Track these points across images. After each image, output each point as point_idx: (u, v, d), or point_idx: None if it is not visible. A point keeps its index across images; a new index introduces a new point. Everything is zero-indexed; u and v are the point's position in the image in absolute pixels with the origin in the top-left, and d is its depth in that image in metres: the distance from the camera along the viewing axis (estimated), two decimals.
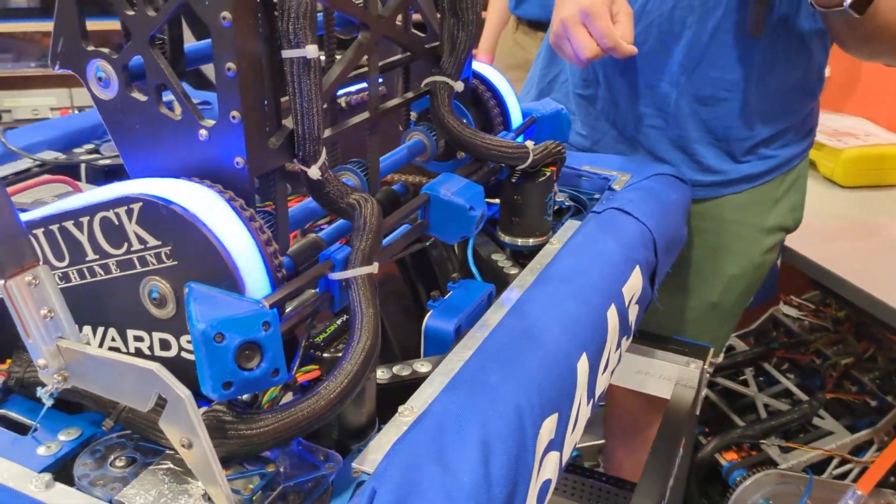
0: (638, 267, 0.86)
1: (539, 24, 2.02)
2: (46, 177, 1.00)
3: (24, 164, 1.10)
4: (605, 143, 1.24)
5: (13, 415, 0.61)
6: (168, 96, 0.59)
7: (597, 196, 1.02)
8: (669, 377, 1.05)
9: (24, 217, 0.60)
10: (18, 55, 2.94)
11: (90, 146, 1.16)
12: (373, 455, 0.55)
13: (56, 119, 1.24)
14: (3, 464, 0.55)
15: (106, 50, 0.59)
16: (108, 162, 1.10)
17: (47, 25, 0.60)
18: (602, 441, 1.74)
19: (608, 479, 1.25)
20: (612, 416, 1.53)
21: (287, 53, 0.57)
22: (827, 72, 1.22)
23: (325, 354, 0.59)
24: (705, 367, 1.06)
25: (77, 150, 1.16)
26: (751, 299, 1.31)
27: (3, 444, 0.58)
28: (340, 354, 0.56)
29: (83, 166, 1.11)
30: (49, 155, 1.13)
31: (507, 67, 2.03)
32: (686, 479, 1.61)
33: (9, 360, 0.64)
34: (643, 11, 1.11)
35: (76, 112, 2.79)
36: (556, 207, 1.00)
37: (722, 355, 1.40)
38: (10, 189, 0.93)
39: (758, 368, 1.88)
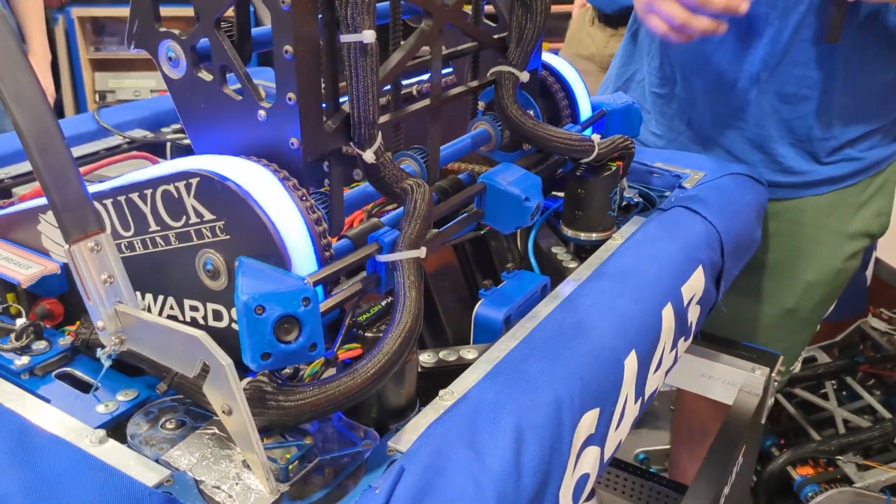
0: (701, 267, 0.84)
1: (613, 20, 1.99)
2: (132, 153, 1.06)
3: (114, 140, 1.16)
4: (681, 142, 1.21)
5: (78, 373, 0.65)
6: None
7: (667, 193, 1.00)
8: (733, 382, 1.02)
9: (94, 188, 0.63)
10: (123, 38, 3.09)
11: (177, 125, 1.22)
12: (408, 435, 0.56)
13: (147, 99, 1.30)
14: (63, 418, 0.58)
15: (176, 31, 0.62)
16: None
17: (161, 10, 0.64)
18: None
19: (668, 482, 1.23)
20: (680, 420, 1.49)
21: (345, 38, 0.58)
22: None
23: (367, 334, 0.60)
24: (773, 374, 1.02)
25: (164, 129, 1.22)
26: (830, 308, 1.26)
27: (66, 400, 0.61)
28: (381, 335, 0.57)
29: (169, 144, 1.16)
30: (138, 133, 1.19)
31: (574, 56, 2.01)
32: (753, 491, 1.56)
33: (78, 322, 0.68)
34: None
35: None
36: (623, 203, 0.99)
37: (799, 365, 1.35)
38: (97, 163, 0.98)
39: (840, 382, 1.80)
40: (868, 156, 1.15)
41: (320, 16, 0.59)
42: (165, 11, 0.64)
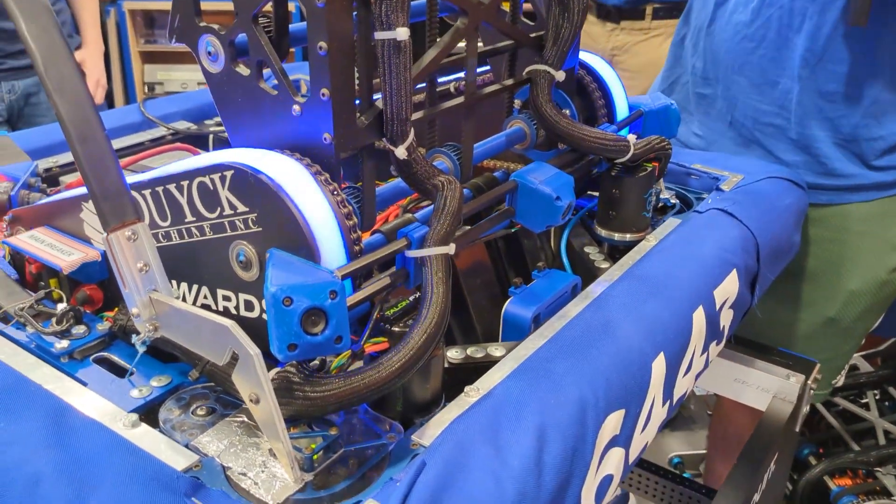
0: (735, 271, 0.83)
1: (614, 15, 1.96)
2: (174, 144, 1.08)
3: (159, 131, 1.18)
4: (722, 143, 1.20)
5: (115, 358, 0.67)
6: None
7: (704, 195, 0.99)
8: (767, 389, 1.01)
9: (133, 179, 0.65)
10: None
11: (219, 118, 1.24)
12: (432, 430, 0.57)
13: (191, 92, 1.32)
14: (98, 401, 0.60)
15: (215, 26, 0.63)
16: None
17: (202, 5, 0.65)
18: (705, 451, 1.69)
19: (700, 487, 1.21)
20: (717, 426, 1.48)
21: (379, 35, 0.59)
22: None
23: (393, 328, 0.61)
24: (809, 382, 1.01)
25: (207, 122, 1.24)
26: (877, 321, 1.22)
27: (102, 384, 0.63)
28: (408, 330, 0.57)
29: (211, 136, 1.19)
30: (182, 125, 1.21)
31: None
32: (788, 500, 1.54)
33: (116, 309, 0.70)
34: (762, 4, 1.07)
35: None
36: (659, 204, 0.98)
37: (842, 378, 1.31)
38: (141, 154, 1.00)
39: (882, 392, 1.76)
40: None
41: (355, 13, 0.60)
42: (206, 6, 0.65)
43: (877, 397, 1.75)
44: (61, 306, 0.69)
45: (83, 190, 0.74)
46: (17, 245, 0.74)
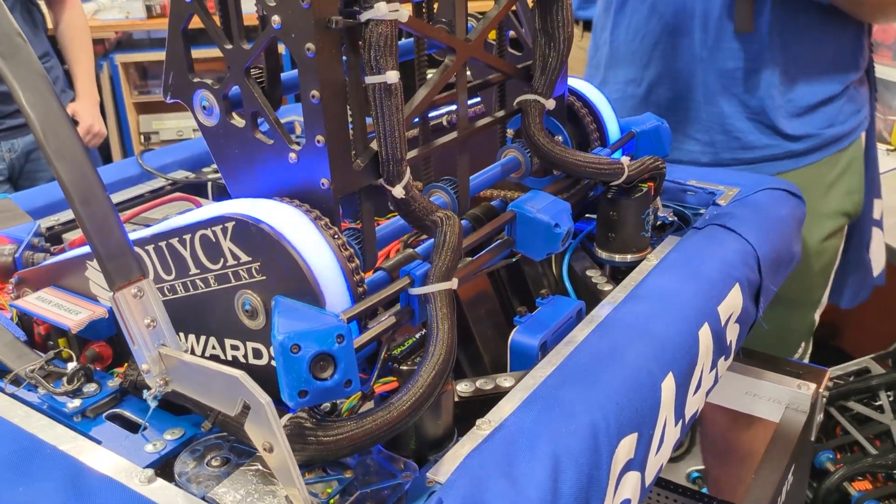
0: (738, 285, 0.83)
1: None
2: (174, 195, 1.09)
3: (158, 182, 1.20)
4: None
5: (127, 413, 0.67)
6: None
7: (701, 211, 1.00)
8: (779, 400, 1.01)
9: (136, 235, 0.66)
10: None
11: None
12: (447, 465, 0.57)
13: (187, 141, 1.34)
14: (113, 458, 0.60)
15: (209, 81, 0.65)
16: None
17: (193, 53, 0.66)
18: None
19: (719, 503, 1.20)
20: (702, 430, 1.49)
21: (370, 79, 0.60)
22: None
23: (402, 367, 0.61)
24: (820, 390, 1.01)
25: (205, 169, 1.25)
26: (825, 292, 1.27)
27: (116, 441, 0.63)
28: (416, 367, 0.58)
29: (210, 184, 1.20)
30: (180, 174, 1.22)
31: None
32: None
33: (126, 364, 0.70)
34: (656, 2, 1.16)
35: None
36: (658, 223, 0.99)
37: (807, 355, 1.35)
38: (141, 206, 1.01)
39: None
40: (827, 132, 1.18)
41: (345, 58, 0.61)
42: (197, 54, 0.66)
43: (891, 399, 1.74)
44: (71, 365, 0.69)
45: (86, 248, 0.75)
46: (25, 307, 0.74)
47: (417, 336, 0.64)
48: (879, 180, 1.31)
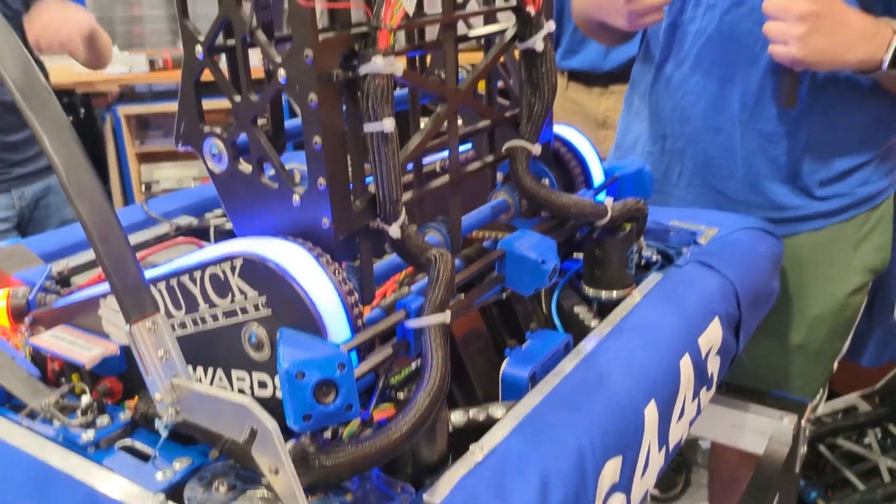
0: (717, 318, 0.87)
1: (593, 79, 2.05)
2: (178, 239, 1.13)
3: (163, 228, 1.24)
4: (677, 194, 1.28)
5: (138, 444, 0.71)
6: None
7: (683, 250, 1.05)
8: (763, 432, 1.04)
9: (150, 273, 0.70)
10: (166, 132, 3.28)
11: (219, 211, 1.30)
12: (442, 488, 0.61)
13: (190, 188, 1.39)
14: (127, 485, 0.64)
15: (218, 129, 0.70)
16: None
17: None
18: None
19: None
20: (713, 471, 1.50)
21: (368, 127, 0.65)
22: None
23: (399, 395, 0.65)
24: (802, 422, 1.04)
25: (208, 215, 1.29)
26: (845, 345, 1.28)
27: (129, 469, 0.67)
28: (412, 395, 0.62)
29: (212, 228, 1.24)
30: (184, 220, 1.27)
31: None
32: None
33: (136, 397, 0.74)
34: (699, 60, 1.18)
35: None
36: (642, 262, 1.03)
37: (822, 406, 1.36)
38: (147, 250, 1.06)
39: (883, 430, 1.78)
40: (860, 191, 1.20)
41: (344, 108, 0.66)
42: (206, 104, 0.71)
43: (878, 436, 1.77)
44: (85, 399, 0.73)
45: (98, 289, 0.79)
46: (40, 345, 0.78)
47: (413, 366, 0.68)
48: None
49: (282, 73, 0.63)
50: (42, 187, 1.89)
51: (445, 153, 1.02)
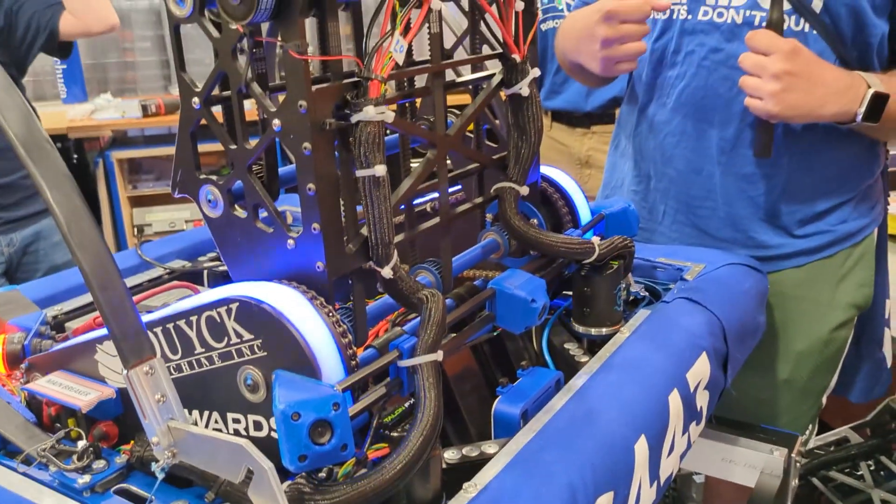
0: (704, 353, 0.89)
1: (576, 120, 2.08)
2: (172, 283, 1.14)
3: (156, 272, 1.25)
4: (661, 231, 1.30)
5: (134, 488, 0.71)
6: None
7: (671, 286, 1.06)
8: (754, 465, 1.05)
9: (145, 318, 0.71)
10: (158, 175, 3.31)
11: (212, 254, 1.31)
12: None
13: (183, 232, 1.40)
14: None
15: (214, 177, 0.71)
16: (226, 268, 1.24)
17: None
18: None
19: None
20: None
21: (360, 173, 0.67)
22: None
23: (392, 433, 0.66)
24: (793, 455, 1.05)
25: (201, 259, 1.31)
26: (832, 380, 1.30)
27: None
28: (405, 433, 0.63)
29: (206, 272, 1.26)
30: (177, 263, 1.28)
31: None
32: None
33: (132, 441, 0.74)
34: (678, 104, 1.22)
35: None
36: (630, 298, 1.05)
37: (812, 440, 1.37)
38: (142, 294, 1.07)
39: (876, 462, 1.79)
40: (840, 228, 1.22)
41: (337, 154, 0.68)
42: (200, 147, 0.73)
43: (871, 468, 1.78)
44: (81, 443, 0.73)
45: (93, 334, 0.80)
46: (37, 390, 0.79)
47: (407, 405, 0.69)
48: (888, 280, 1.33)
49: (276, 122, 0.65)
50: (31, 233, 1.90)
51: (435, 195, 1.05)
